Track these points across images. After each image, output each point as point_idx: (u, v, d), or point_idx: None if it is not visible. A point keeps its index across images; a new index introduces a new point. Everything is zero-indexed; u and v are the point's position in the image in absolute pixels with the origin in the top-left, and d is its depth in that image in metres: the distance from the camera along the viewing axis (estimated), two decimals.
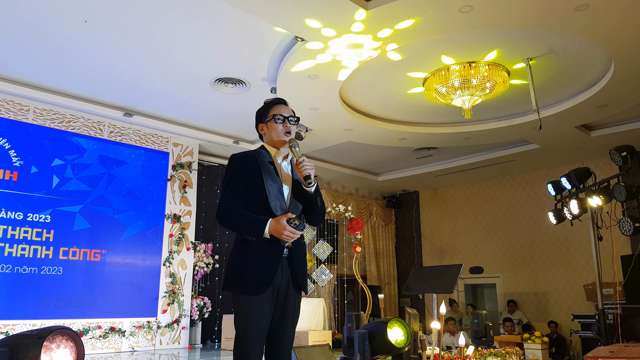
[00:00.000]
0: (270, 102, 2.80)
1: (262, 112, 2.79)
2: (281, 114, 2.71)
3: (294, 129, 2.74)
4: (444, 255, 11.72)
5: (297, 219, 2.46)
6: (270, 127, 2.72)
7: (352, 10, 4.74)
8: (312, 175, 2.59)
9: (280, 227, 2.43)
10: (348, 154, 9.62)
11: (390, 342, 3.70)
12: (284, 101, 2.82)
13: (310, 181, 2.57)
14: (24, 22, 5.29)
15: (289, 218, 2.44)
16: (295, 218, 2.46)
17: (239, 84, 6.68)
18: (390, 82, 6.65)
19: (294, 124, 2.74)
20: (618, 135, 8.16)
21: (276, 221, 2.45)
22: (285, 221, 2.43)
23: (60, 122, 7.17)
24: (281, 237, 2.45)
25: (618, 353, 3.50)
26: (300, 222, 2.46)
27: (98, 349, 6.91)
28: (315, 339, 7.10)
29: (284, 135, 2.69)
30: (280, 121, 2.70)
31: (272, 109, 2.75)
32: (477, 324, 5.86)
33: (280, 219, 2.45)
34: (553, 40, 5.58)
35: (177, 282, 7.86)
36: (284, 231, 2.42)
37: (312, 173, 2.60)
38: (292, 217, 2.46)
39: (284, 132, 2.69)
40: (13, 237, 6.52)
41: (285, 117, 2.71)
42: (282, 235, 2.44)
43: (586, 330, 7.64)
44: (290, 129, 2.71)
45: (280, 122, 2.70)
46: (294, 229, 2.43)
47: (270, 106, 2.77)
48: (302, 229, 2.48)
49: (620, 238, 8.39)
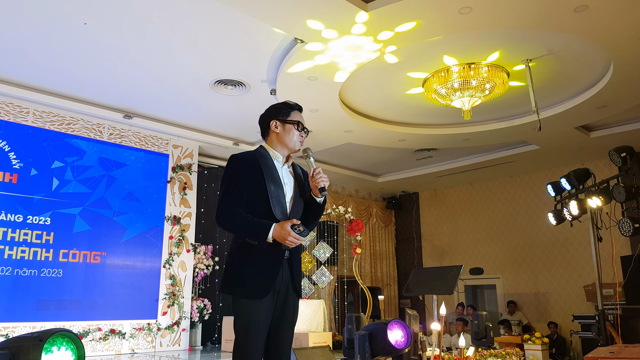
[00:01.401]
0: (294, 105, 2.79)
1: (283, 110, 2.75)
2: (302, 123, 2.74)
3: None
4: (444, 257, 11.72)
5: (301, 225, 2.44)
6: (287, 130, 2.71)
7: (353, 12, 4.74)
8: (327, 186, 2.63)
9: (284, 233, 2.41)
10: (348, 155, 9.63)
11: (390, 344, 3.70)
12: (302, 110, 2.84)
13: (325, 193, 2.62)
14: (24, 25, 5.30)
15: (293, 224, 2.43)
16: (300, 224, 2.44)
17: (239, 86, 6.69)
18: (389, 83, 6.66)
19: (305, 135, 2.77)
20: (617, 136, 8.16)
21: (280, 226, 2.43)
22: (290, 227, 2.42)
23: (60, 124, 7.17)
24: (285, 242, 2.44)
25: (618, 354, 3.50)
26: (304, 229, 2.44)
27: (98, 351, 6.90)
28: (316, 341, 7.09)
29: (298, 143, 2.72)
30: (300, 129, 2.72)
31: (295, 114, 2.75)
32: (478, 325, 5.86)
33: (285, 225, 2.42)
34: (552, 42, 5.59)
35: (177, 284, 7.86)
36: (289, 237, 2.41)
37: (327, 184, 2.63)
38: (297, 223, 2.44)
39: (300, 141, 2.72)
40: (13, 240, 6.52)
41: (304, 127, 2.74)
42: (286, 241, 2.42)
43: (586, 330, 7.64)
44: (304, 140, 2.76)
45: (300, 130, 2.72)
46: (298, 235, 2.42)
47: (293, 109, 2.76)
48: (306, 235, 2.46)
49: (620, 239, 8.40)
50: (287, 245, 2.48)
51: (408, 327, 3.96)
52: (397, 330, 4.17)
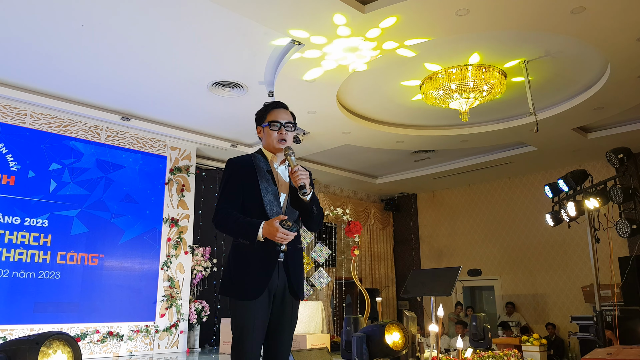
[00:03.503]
0: (269, 105, 2.74)
1: (261, 115, 2.75)
2: (278, 120, 2.66)
3: (290, 136, 2.69)
4: (442, 258, 11.72)
5: (289, 220, 2.44)
6: (266, 133, 2.68)
7: (353, 13, 4.75)
8: (307, 184, 2.56)
9: (273, 229, 2.41)
10: (346, 157, 9.63)
11: (387, 345, 3.70)
12: (283, 105, 2.76)
13: (305, 191, 2.53)
14: (21, 27, 5.29)
15: (281, 220, 2.43)
16: (288, 219, 2.44)
17: (237, 88, 6.69)
18: (387, 85, 6.66)
19: (290, 130, 2.69)
20: (614, 137, 8.18)
21: (269, 224, 2.44)
22: (278, 223, 2.42)
23: (58, 126, 7.16)
24: (275, 239, 2.44)
25: (615, 355, 3.51)
26: (293, 224, 2.44)
27: (96, 354, 6.89)
28: (314, 343, 7.08)
29: (278, 142, 2.65)
30: (276, 128, 2.65)
31: (269, 114, 2.69)
32: (476, 327, 5.86)
33: (273, 221, 2.43)
34: (550, 43, 5.60)
35: (175, 286, 7.85)
36: (277, 233, 2.41)
37: (307, 182, 2.56)
38: (284, 218, 2.44)
39: (278, 139, 2.65)
40: (10, 242, 6.50)
41: (282, 124, 2.66)
42: (275, 237, 2.42)
43: (584, 332, 7.64)
44: (286, 136, 2.66)
45: (276, 129, 2.65)
46: (287, 230, 2.42)
47: (268, 110, 2.71)
48: (295, 230, 2.47)
49: (618, 240, 8.41)
50: (279, 242, 2.48)
51: (406, 329, 3.96)
52: (395, 332, 4.18)
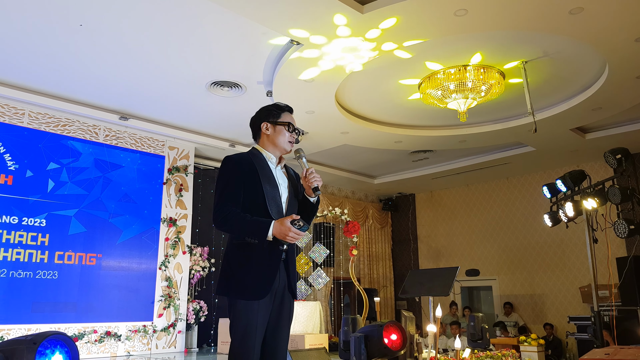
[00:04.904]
0: (284, 107, 2.79)
1: (273, 112, 2.76)
2: (292, 124, 2.74)
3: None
4: (440, 258, 11.73)
5: (301, 220, 2.44)
6: (278, 132, 2.70)
7: (352, 14, 4.75)
8: (320, 186, 2.63)
9: (285, 229, 2.41)
10: (344, 157, 9.63)
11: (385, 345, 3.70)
12: (293, 111, 2.85)
13: (319, 192, 2.62)
14: (19, 26, 5.28)
15: (292, 219, 2.42)
16: (300, 219, 2.44)
17: (235, 87, 6.68)
18: (386, 85, 6.66)
19: (297, 136, 2.78)
20: (612, 137, 8.19)
21: (280, 223, 2.43)
22: (290, 222, 2.41)
23: (56, 125, 7.15)
24: (286, 238, 2.43)
25: (613, 355, 3.51)
26: (304, 223, 2.44)
27: (94, 354, 6.88)
28: (312, 343, 7.08)
29: (289, 144, 2.72)
30: (291, 130, 2.72)
31: (285, 115, 2.75)
32: (474, 327, 5.86)
33: (285, 221, 2.42)
34: (548, 44, 5.61)
35: (173, 285, 7.84)
36: (290, 232, 2.41)
37: (320, 184, 2.63)
38: (297, 218, 2.44)
39: (289, 141, 2.72)
40: (8, 241, 6.49)
41: (295, 128, 2.74)
42: (287, 237, 2.42)
43: (582, 332, 7.65)
44: (295, 140, 2.76)
45: (290, 131, 2.72)
46: (298, 230, 2.42)
47: (283, 110, 2.76)
48: (306, 230, 2.47)
49: (616, 240, 8.42)
50: (288, 242, 2.48)
51: (404, 329, 3.96)
52: (393, 332, 4.18)
